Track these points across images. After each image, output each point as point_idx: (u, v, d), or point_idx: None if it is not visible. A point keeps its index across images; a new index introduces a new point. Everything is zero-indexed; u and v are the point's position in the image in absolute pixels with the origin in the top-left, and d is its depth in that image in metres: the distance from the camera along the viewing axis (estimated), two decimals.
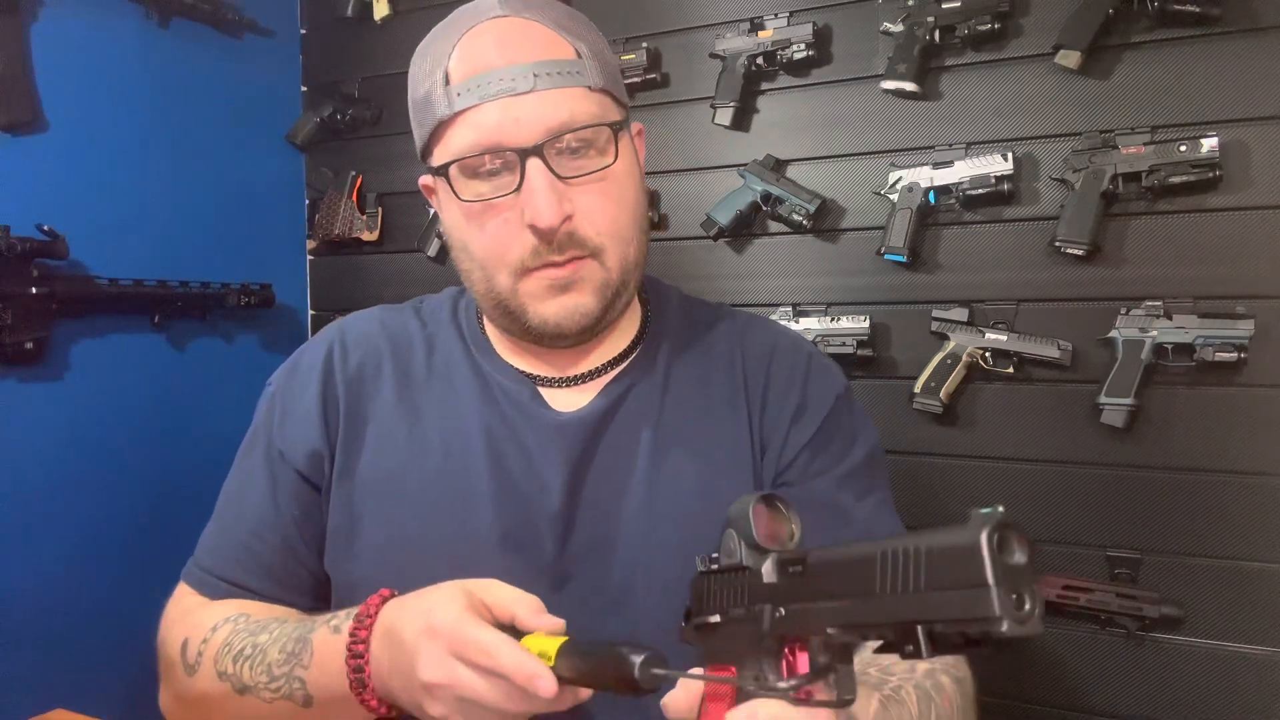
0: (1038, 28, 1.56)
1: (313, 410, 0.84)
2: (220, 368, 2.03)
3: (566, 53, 0.76)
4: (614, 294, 0.79)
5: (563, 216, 0.73)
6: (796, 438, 0.84)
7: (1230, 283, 1.45)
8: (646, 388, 0.85)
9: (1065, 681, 1.56)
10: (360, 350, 0.87)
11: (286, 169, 2.25)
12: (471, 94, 0.73)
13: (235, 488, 0.87)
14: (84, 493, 1.75)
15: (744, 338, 0.90)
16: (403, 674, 0.64)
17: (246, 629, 0.76)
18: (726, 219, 1.76)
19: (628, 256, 0.79)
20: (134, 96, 1.88)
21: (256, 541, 0.83)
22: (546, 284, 0.77)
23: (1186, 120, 1.47)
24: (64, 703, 1.19)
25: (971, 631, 0.41)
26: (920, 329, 1.65)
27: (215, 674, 0.75)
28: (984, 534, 0.39)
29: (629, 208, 0.79)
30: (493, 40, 0.75)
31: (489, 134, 0.73)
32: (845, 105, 1.72)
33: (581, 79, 0.75)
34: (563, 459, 0.81)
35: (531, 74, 0.73)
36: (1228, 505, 1.46)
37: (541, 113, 0.73)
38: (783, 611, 0.50)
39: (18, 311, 1.61)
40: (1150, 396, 1.49)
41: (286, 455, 0.83)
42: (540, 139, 0.73)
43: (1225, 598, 1.47)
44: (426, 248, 2.08)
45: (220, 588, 0.82)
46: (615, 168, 0.77)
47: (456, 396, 0.85)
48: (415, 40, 0.81)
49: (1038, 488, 1.59)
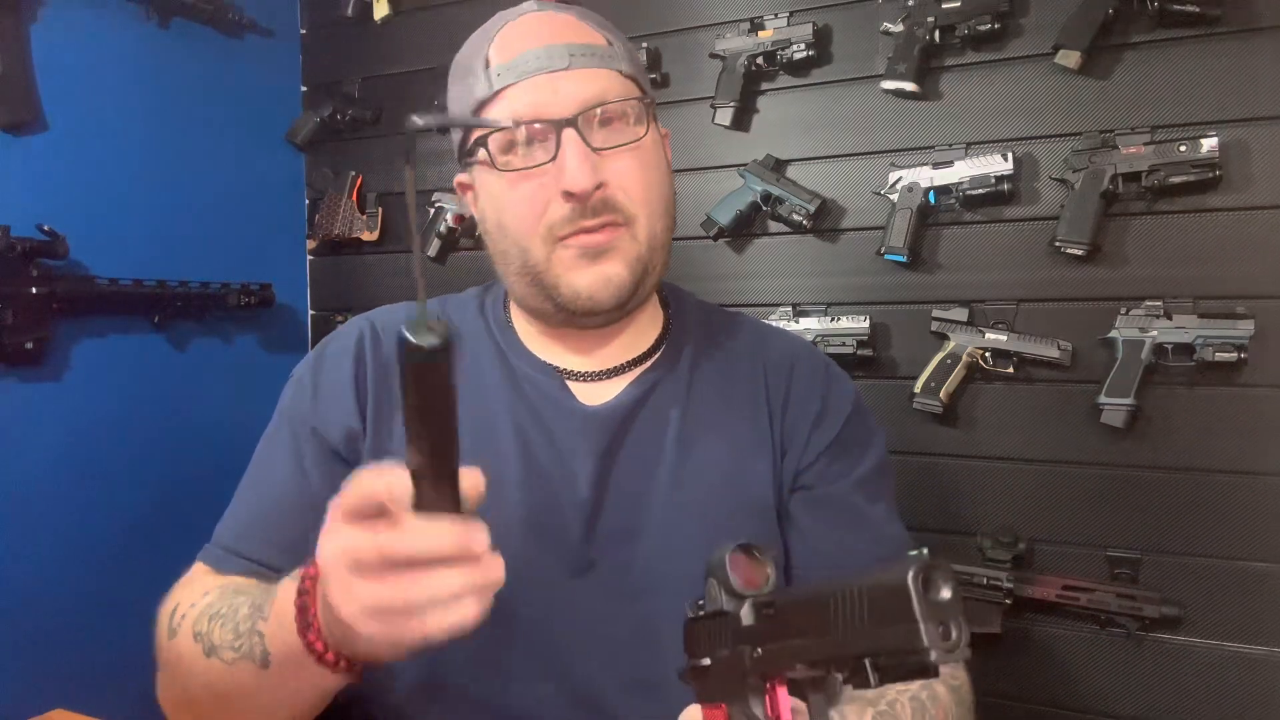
0: (1038, 28, 1.56)
1: (346, 389, 0.85)
2: (220, 368, 2.03)
3: (599, 40, 0.82)
4: (644, 269, 0.82)
5: (596, 182, 0.76)
6: (817, 442, 0.88)
7: (1230, 283, 1.45)
8: (672, 384, 0.88)
9: (1065, 681, 1.56)
10: (390, 339, 0.88)
11: (286, 169, 2.25)
12: (511, 72, 0.78)
13: (256, 473, 0.87)
14: (84, 493, 1.75)
15: (765, 345, 0.94)
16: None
17: (232, 589, 0.75)
18: (726, 219, 1.76)
19: (656, 232, 0.82)
20: (134, 96, 1.87)
21: (278, 514, 0.82)
22: (579, 252, 0.79)
23: (1186, 120, 1.47)
24: (64, 703, 1.19)
25: (909, 663, 0.45)
26: (920, 329, 1.65)
27: (191, 635, 0.72)
28: (910, 576, 0.44)
29: (659, 182, 0.83)
30: (531, 27, 0.80)
31: (528, 107, 0.77)
32: (845, 105, 1.72)
33: (613, 62, 0.80)
34: (591, 448, 0.83)
35: (568, 53, 0.78)
36: (1228, 505, 1.46)
37: (577, 87, 0.77)
38: (759, 651, 0.54)
39: (18, 311, 1.61)
40: (1150, 396, 1.49)
41: (320, 430, 0.84)
42: (575, 110, 0.77)
43: (1225, 598, 1.47)
44: (426, 248, 2.08)
45: (239, 564, 0.80)
46: (645, 141, 0.80)
47: (484, 386, 0.86)
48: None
49: (1038, 488, 1.59)
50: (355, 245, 2.21)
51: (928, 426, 1.64)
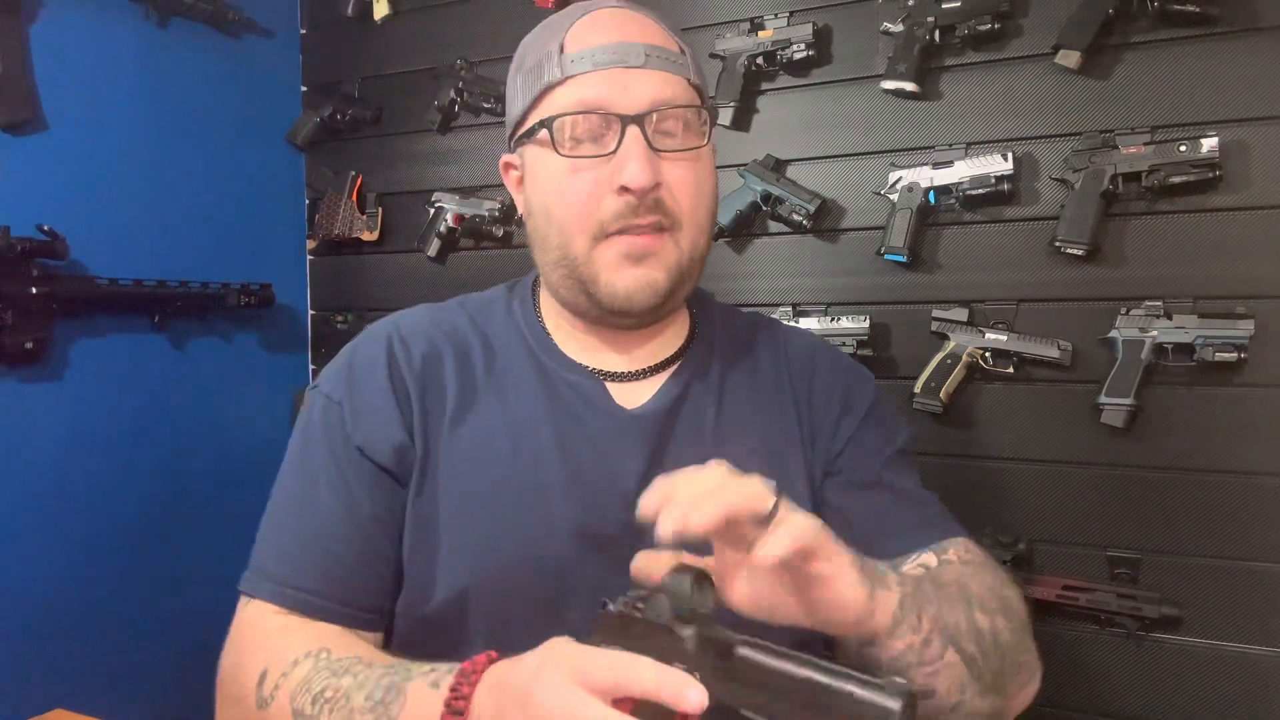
0: (1038, 28, 1.56)
1: (388, 403, 0.83)
2: (220, 368, 2.03)
3: (673, 46, 0.83)
4: (683, 277, 0.82)
5: (655, 180, 0.77)
6: (845, 429, 0.90)
7: (1230, 283, 1.45)
8: (703, 384, 0.89)
9: (1065, 681, 1.56)
10: (420, 344, 0.87)
11: (286, 169, 2.25)
12: (585, 61, 0.78)
13: (297, 494, 0.83)
14: (84, 493, 1.75)
15: (784, 342, 0.96)
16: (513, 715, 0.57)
17: (328, 668, 0.72)
18: (726, 219, 1.76)
19: (698, 244, 0.83)
20: (134, 96, 1.88)
21: (335, 545, 0.80)
22: (623, 252, 0.79)
23: (1186, 120, 1.46)
24: (64, 703, 1.19)
25: None
26: (920, 329, 1.65)
27: (291, 711, 0.70)
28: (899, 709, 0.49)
29: (708, 195, 0.84)
30: (610, 21, 0.81)
31: (598, 96, 0.78)
32: (845, 105, 1.72)
33: (685, 70, 0.82)
34: (638, 450, 0.83)
35: (644, 52, 0.78)
36: (1228, 505, 1.46)
37: (649, 86, 0.78)
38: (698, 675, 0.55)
39: (18, 311, 1.61)
40: (1150, 396, 1.49)
41: (367, 451, 0.82)
42: (645, 109, 0.77)
43: (1225, 598, 1.46)
44: (427, 248, 2.08)
45: (298, 599, 0.78)
46: (703, 152, 0.82)
47: (520, 392, 0.86)
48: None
49: (1038, 488, 1.58)
50: (355, 245, 2.21)
51: (928, 426, 1.64)
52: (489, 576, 0.77)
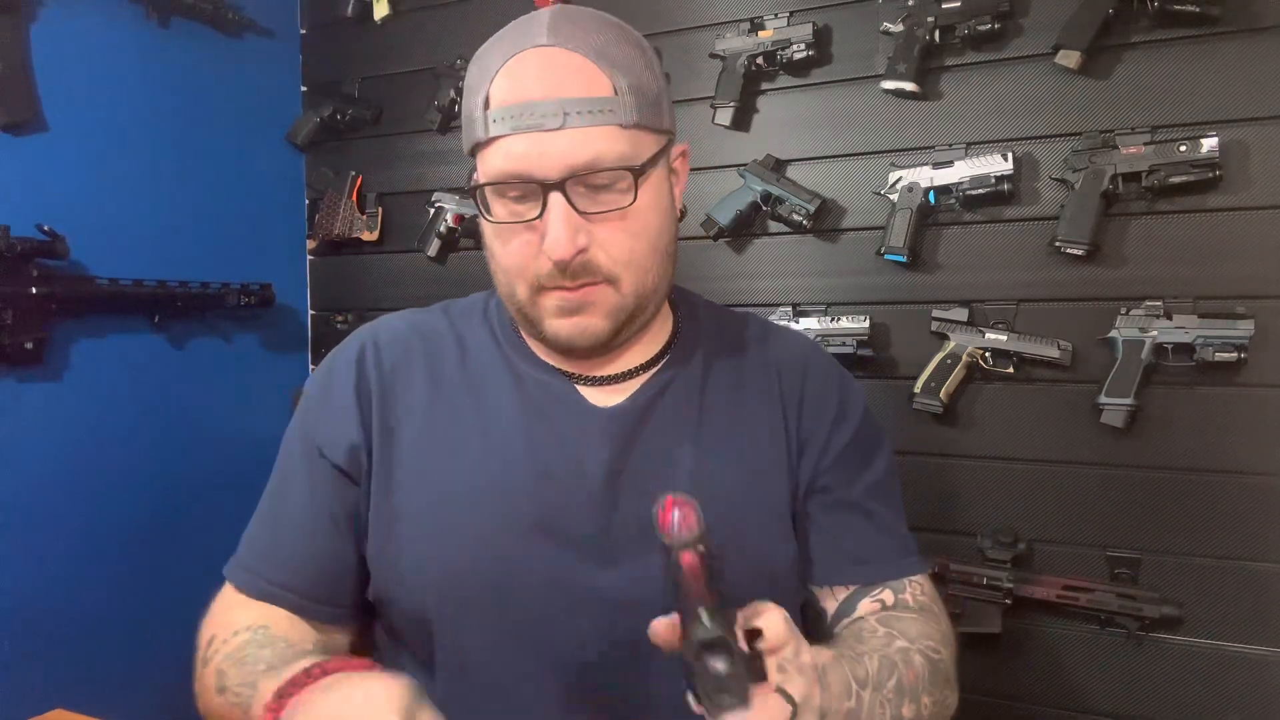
0: (1038, 28, 1.56)
1: (349, 405, 0.85)
2: (220, 368, 2.03)
3: (603, 89, 0.76)
4: (628, 317, 0.81)
5: (576, 250, 0.75)
6: (836, 442, 0.90)
7: (1230, 283, 1.45)
8: (685, 384, 0.88)
9: (1065, 681, 1.56)
10: (393, 348, 0.89)
11: (286, 169, 2.25)
12: (505, 123, 0.75)
13: (277, 487, 0.88)
14: (84, 493, 1.75)
15: (775, 344, 0.95)
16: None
17: (257, 641, 0.78)
18: (726, 219, 1.76)
19: (645, 284, 0.81)
20: (134, 96, 1.88)
21: (293, 536, 0.84)
22: (559, 303, 0.79)
23: (1186, 120, 1.47)
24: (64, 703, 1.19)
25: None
26: (920, 329, 1.65)
27: (215, 671, 0.77)
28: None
29: (649, 239, 0.80)
30: (533, 71, 0.76)
31: (518, 163, 0.75)
32: (845, 105, 1.72)
33: (614, 117, 0.76)
34: (604, 446, 0.83)
35: (562, 111, 0.74)
36: (1228, 505, 1.46)
37: (567, 150, 0.74)
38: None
39: (18, 311, 1.61)
40: (1150, 396, 1.49)
41: (325, 451, 0.85)
42: (562, 175, 0.74)
43: (1225, 598, 1.47)
44: (426, 248, 2.08)
45: (265, 589, 0.83)
46: (637, 205, 0.77)
47: (490, 390, 0.87)
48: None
49: (1038, 488, 1.59)
50: (355, 245, 2.21)
51: (928, 426, 1.64)
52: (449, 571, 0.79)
